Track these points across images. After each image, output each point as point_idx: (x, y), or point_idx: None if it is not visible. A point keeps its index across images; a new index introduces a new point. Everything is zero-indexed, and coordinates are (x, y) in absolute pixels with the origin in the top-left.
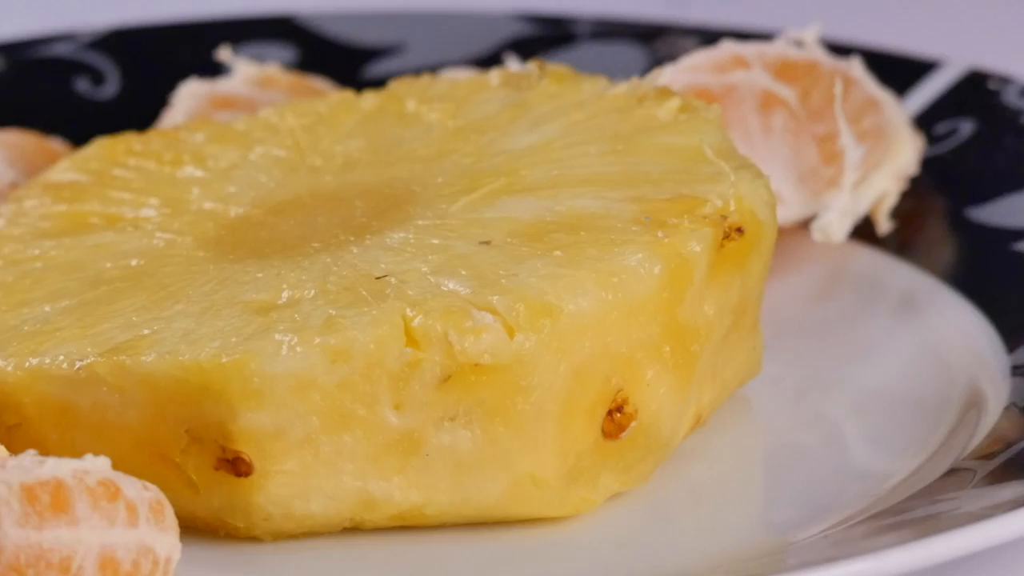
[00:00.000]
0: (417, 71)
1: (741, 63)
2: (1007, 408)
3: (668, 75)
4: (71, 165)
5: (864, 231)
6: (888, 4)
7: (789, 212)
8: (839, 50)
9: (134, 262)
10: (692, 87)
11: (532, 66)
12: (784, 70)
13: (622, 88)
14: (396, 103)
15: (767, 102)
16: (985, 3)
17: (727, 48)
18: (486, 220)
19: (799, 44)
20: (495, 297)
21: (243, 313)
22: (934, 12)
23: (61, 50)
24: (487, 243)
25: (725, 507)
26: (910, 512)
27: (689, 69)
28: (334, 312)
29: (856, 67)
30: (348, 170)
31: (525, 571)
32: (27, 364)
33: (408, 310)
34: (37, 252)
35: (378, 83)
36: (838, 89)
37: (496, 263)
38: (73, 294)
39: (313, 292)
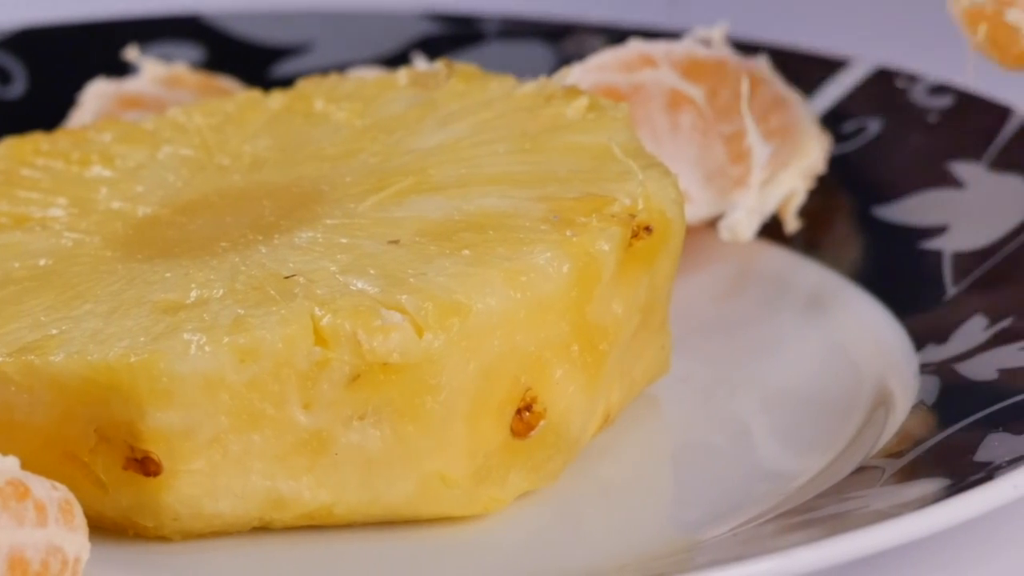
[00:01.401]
0: (325, 70)
1: (649, 62)
2: (915, 406)
3: (576, 74)
4: None
5: (772, 230)
6: (796, 2)
7: (697, 211)
8: (747, 48)
9: (42, 262)
10: (600, 86)
11: (440, 65)
12: (692, 69)
13: (530, 87)
14: (304, 102)
15: (675, 101)
16: (892, 1)
17: (635, 47)
18: (394, 219)
19: (707, 43)
20: (404, 296)
21: (152, 313)
22: (842, 11)
23: None
24: (395, 242)
25: (634, 506)
26: (819, 510)
27: (597, 68)
28: (243, 311)
29: (763, 66)
30: (256, 169)
31: (434, 570)
32: None
33: (317, 309)
34: None
35: (286, 82)
36: (744, 88)
37: (405, 262)
38: None
39: (222, 291)
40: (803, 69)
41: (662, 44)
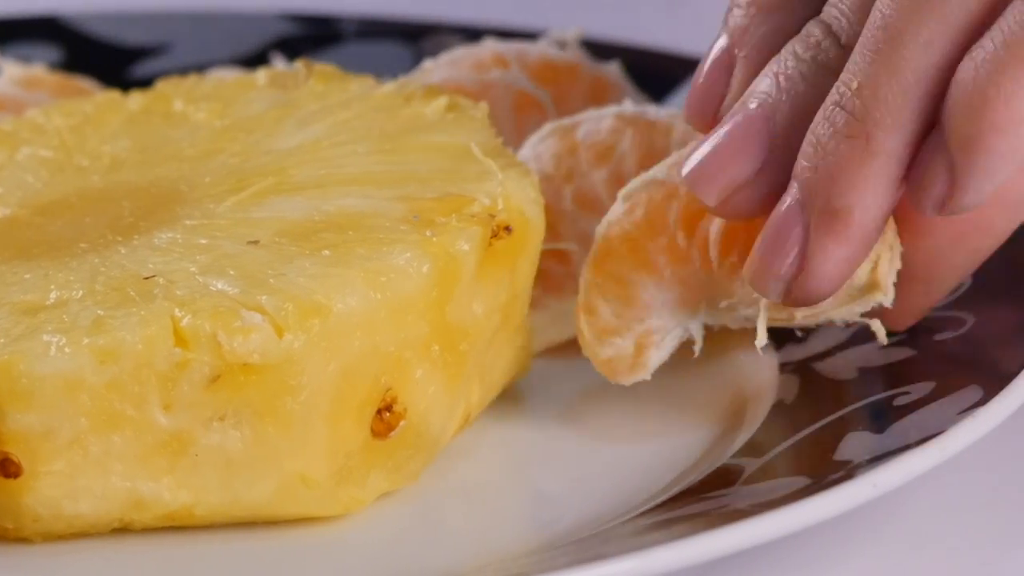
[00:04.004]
0: (183, 71)
1: (501, 62)
2: (774, 405)
3: (427, 69)
4: None
5: None
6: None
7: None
8: (605, 50)
9: None
10: (449, 83)
11: (299, 65)
12: (543, 71)
13: (389, 87)
14: (163, 103)
15: (521, 103)
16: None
17: (489, 46)
18: (254, 220)
19: (561, 45)
20: (264, 297)
21: (11, 314)
22: (702, 10)
23: None
24: (255, 243)
25: (494, 505)
26: (679, 509)
27: (448, 65)
28: (102, 313)
29: (614, 70)
30: (115, 170)
31: (295, 571)
32: None
33: (176, 310)
34: None
35: (144, 83)
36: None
37: (265, 263)
38: None
39: (81, 293)
40: (661, 69)
41: (517, 45)
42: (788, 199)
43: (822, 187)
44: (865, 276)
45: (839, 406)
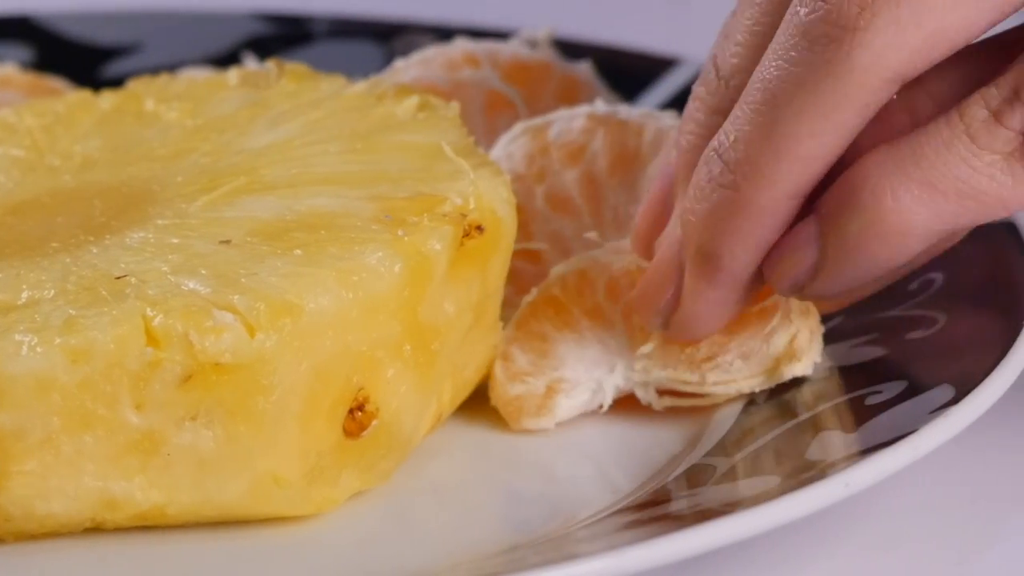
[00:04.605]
0: (155, 71)
1: (472, 61)
2: (747, 404)
3: (398, 68)
4: None
5: None
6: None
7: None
8: (576, 49)
9: None
10: (421, 83)
11: (270, 65)
12: (515, 71)
13: (360, 87)
14: (134, 102)
15: (493, 102)
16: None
17: (460, 45)
18: (226, 219)
19: (533, 45)
20: (235, 296)
21: None
22: (674, 10)
23: None
24: (227, 242)
25: (467, 505)
26: (651, 509)
27: (420, 64)
28: (74, 312)
29: (586, 70)
30: (87, 170)
31: (267, 570)
32: None
33: (148, 310)
34: None
35: (116, 83)
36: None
37: (236, 262)
38: None
39: (53, 292)
40: (633, 68)
41: (488, 44)
42: (670, 236)
43: (695, 230)
44: (782, 346)
45: (811, 406)
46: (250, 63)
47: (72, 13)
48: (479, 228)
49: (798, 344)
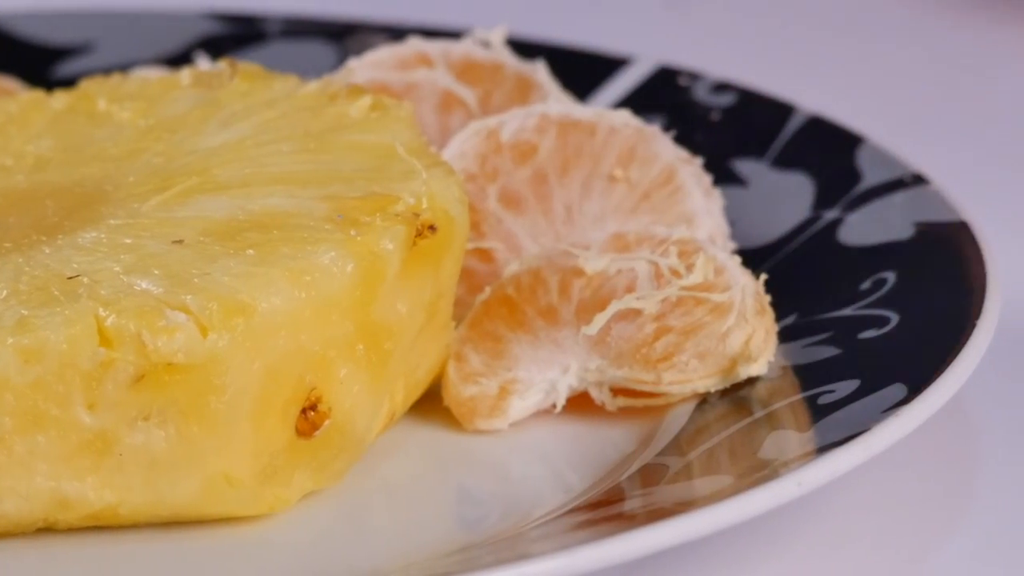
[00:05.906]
0: (107, 70)
1: (425, 61)
2: (700, 403)
3: (351, 68)
4: None
5: None
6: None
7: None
8: (529, 49)
9: None
10: (374, 83)
11: (223, 65)
12: (468, 70)
13: (313, 86)
14: (87, 102)
15: (446, 102)
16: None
17: (413, 45)
18: (179, 219)
19: (486, 44)
20: (188, 296)
21: None
22: (625, 9)
23: None
24: (180, 242)
25: (419, 504)
26: (604, 508)
27: (372, 64)
28: (27, 312)
29: (540, 70)
30: (39, 170)
31: (220, 570)
32: None
33: (101, 310)
34: None
35: (68, 82)
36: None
37: (189, 262)
38: None
39: (5, 292)
40: (586, 67)
41: (441, 44)
42: None
43: None
44: (738, 346)
45: (763, 405)
46: (203, 63)
47: (24, 12)
48: (432, 228)
49: (754, 344)
